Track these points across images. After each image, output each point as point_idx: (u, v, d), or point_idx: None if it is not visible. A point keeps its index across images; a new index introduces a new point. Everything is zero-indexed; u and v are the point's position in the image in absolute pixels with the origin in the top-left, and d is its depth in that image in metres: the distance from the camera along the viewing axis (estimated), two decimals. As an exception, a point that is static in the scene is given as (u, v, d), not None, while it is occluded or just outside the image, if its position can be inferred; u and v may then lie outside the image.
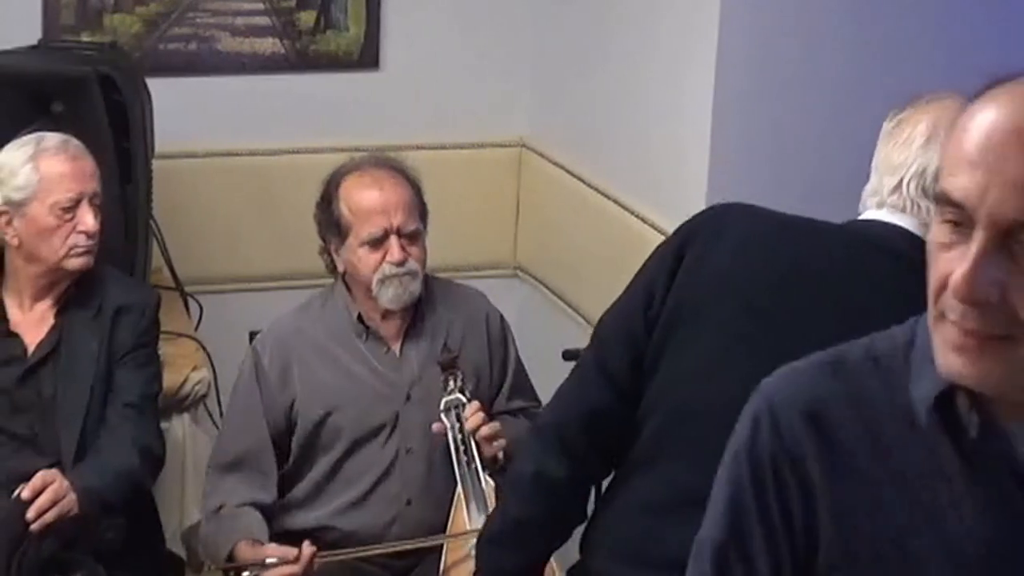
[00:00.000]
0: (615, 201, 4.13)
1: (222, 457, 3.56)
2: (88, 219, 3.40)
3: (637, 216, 4.00)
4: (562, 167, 4.50)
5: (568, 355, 3.61)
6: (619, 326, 2.62)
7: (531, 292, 4.74)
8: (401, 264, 3.47)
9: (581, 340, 3.13)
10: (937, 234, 1.47)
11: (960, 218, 1.44)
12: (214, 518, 3.49)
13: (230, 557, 3.40)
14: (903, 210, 2.40)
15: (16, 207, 3.41)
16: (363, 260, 3.49)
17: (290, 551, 3.31)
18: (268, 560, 3.32)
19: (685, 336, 2.51)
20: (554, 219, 4.55)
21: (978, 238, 1.42)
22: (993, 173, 1.42)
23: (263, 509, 3.50)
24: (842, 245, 2.44)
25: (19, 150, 3.43)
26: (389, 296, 3.49)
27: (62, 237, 3.40)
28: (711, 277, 2.50)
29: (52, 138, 3.47)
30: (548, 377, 3.23)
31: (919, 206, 2.38)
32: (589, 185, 4.30)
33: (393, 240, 3.47)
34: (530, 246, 4.74)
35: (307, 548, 3.31)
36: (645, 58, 3.99)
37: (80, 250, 3.41)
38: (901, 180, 2.40)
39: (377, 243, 3.48)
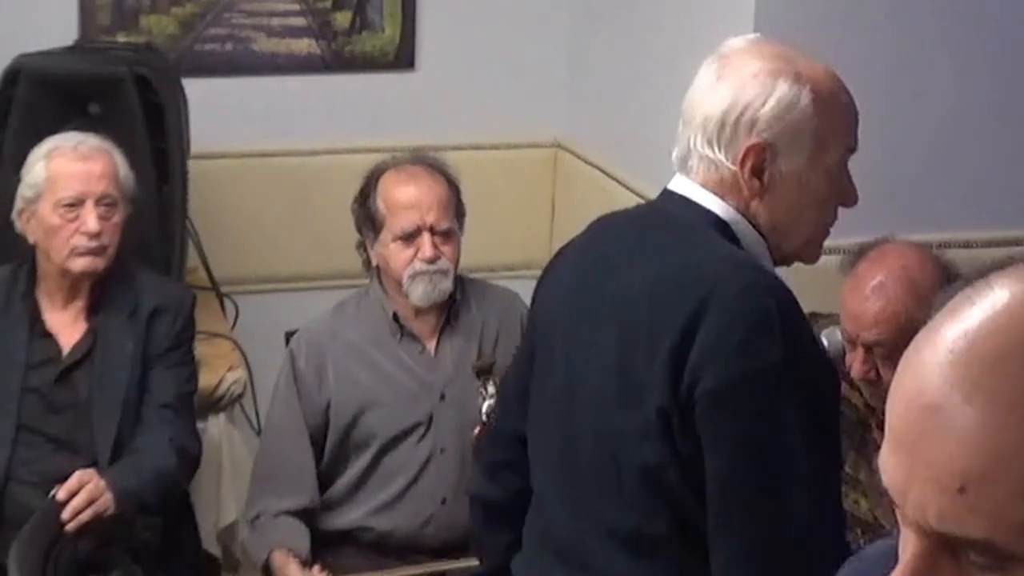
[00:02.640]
0: (650, 201, 4.11)
1: (263, 467, 3.59)
2: (90, 220, 3.37)
3: (672, 217, 3.98)
4: (597, 167, 4.49)
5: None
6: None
7: (566, 293, 4.72)
8: (432, 262, 3.47)
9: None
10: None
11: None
12: (250, 527, 3.53)
13: (265, 566, 3.44)
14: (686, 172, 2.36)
15: (30, 204, 3.42)
16: (395, 255, 3.49)
17: None
18: None
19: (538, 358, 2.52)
20: (589, 220, 4.49)
21: (910, 541, 1.04)
22: (915, 461, 1.01)
23: (303, 513, 3.52)
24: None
25: (40, 149, 3.44)
26: (419, 293, 3.49)
27: (64, 237, 3.37)
28: (545, 307, 2.58)
29: (70, 137, 3.47)
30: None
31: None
32: (624, 185, 4.28)
33: (425, 237, 3.48)
34: (565, 247, 4.73)
35: (317, 573, 3.39)
36: (680, 58, 3.96)
37: (81, 251, 3.38)
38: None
39: (409, 239, 3.48)
